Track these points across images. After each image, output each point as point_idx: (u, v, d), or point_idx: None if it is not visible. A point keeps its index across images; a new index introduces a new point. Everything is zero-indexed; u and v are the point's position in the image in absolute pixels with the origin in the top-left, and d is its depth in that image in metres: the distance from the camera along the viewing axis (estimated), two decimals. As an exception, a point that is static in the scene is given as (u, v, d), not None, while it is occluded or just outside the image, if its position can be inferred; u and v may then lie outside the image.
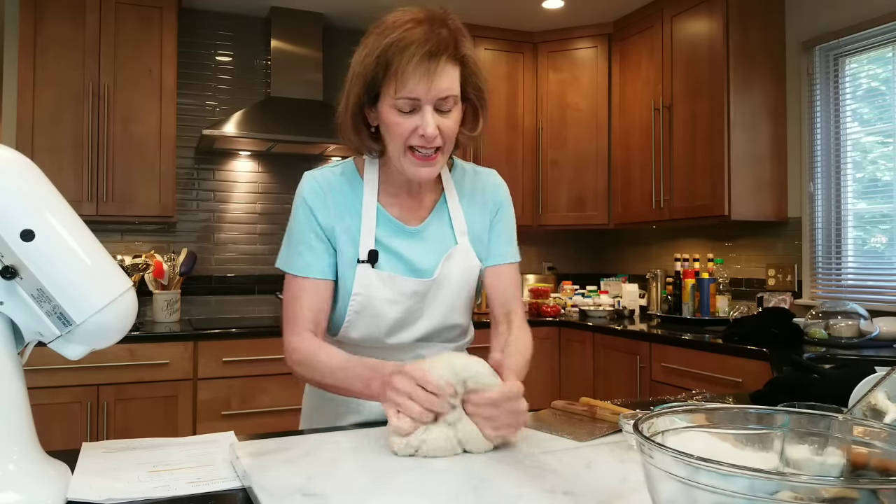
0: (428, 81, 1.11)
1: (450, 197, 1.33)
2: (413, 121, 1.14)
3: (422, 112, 1.13)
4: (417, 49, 1.09)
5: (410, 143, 1.16)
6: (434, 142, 1.15)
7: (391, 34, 1.11)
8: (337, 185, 1.28)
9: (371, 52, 1.14)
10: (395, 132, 1.16)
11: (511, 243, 1.37)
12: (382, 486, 0.85)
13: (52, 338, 0.83)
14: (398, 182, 1.28)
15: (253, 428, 3.05)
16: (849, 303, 2.69)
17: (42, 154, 3.06)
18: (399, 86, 1.11)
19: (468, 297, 1.33)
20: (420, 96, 1.12)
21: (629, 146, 3.77)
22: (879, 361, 2.20)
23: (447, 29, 1.13)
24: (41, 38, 3.10)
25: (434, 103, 1.13)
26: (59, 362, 2.75)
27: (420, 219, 1.30)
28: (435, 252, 1.28)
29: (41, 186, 0.83)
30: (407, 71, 1.10)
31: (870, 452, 0.72)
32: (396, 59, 1.10)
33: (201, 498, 0.85)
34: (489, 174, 1.40)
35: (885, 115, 2.88)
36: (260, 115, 3.42)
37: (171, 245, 3.62)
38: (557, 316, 3.77)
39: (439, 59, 1.11)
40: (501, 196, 1.38)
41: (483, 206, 1.35)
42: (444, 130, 1.16)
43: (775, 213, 3.21)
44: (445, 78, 1.13)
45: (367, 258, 1.24)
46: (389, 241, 1.27)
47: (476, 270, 1.31)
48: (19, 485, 0.80)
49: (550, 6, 3.70)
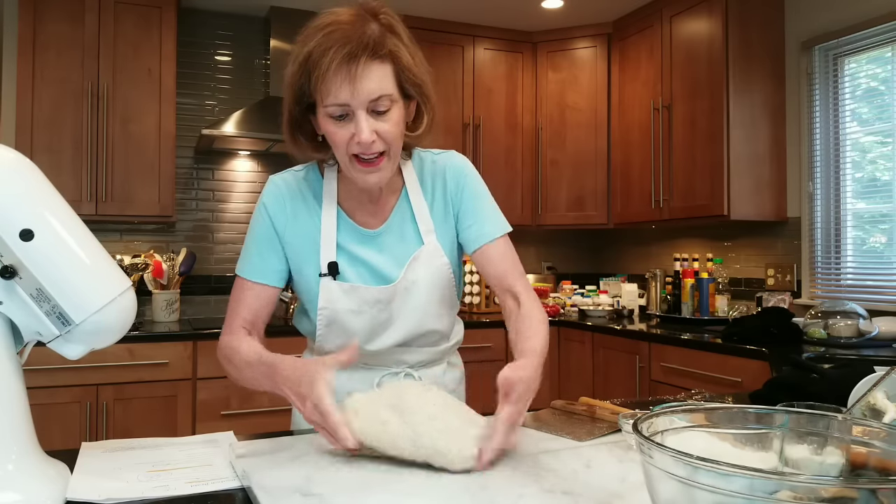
0: (350, 85, 1.05)
1: (412, 193, 1.26)
2: (349, 128, 1.08)
3: (355, 118, 1.07)
4: (336, 53, 1.04)
5: (351, 150, 1.10)
6: (372, 147, 1.09)
7: (311, 41, 1.07)
8: (299, 190, 1.23)
9: (294, 60, 1.10)
10: (334, 141, 1.11)
11: (488, 219, 1.27)
12: (381, 486, 0.85)
13: (52, 337, 0.83)
14: (352, 185, 1.21)
15: (252, 428, 3.05)
16: (848, 302, 2.69)
17: (41, 154, 3.06)
18: (324, 93, 1.06)
19: (442, 299, 1.27)
20: (348, 101, 1.06)
21: (629, 146, 3.77)
22: (878, 361, 2.20)
23: (377, 24, 1.08)
24: (40, 38, 3.09)
25: (366, 106, 1.07)
26: (59, 362, 2.74)
27: (381, 221, 1.25)
28: (399, 255, 1.23)
29: (40, 186, 0.83)
30: (328, 77, 1.05)
31: (869, 452, 0.72)
32: (317, 67, 1.05)
33: (200, 498, 0.85)
34: (448, 157, 1.30)
35: (885, 115, 2.88)
36: (259, 114, 3.41)
37: (170, 245, 3.62)
38: (557, 316, 3.77)
39: (359, 59, 1.04)
40: (460, 176, 1.28)
41: (444, 195, 1.27)
42: (382, 134, 1.09)
43: (774, 213, 3.21)
44: (371, 79, 1.06)
45: (327, 271, 1.20)
46: (352, 248, 1.22)
47: (447, 269, 1.25)
48: (19, 484, 0.80)
49: (550, 6, 3.69)
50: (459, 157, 1.31)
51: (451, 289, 1.29)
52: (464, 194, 1.27)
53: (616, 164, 3.89)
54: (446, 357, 1.38)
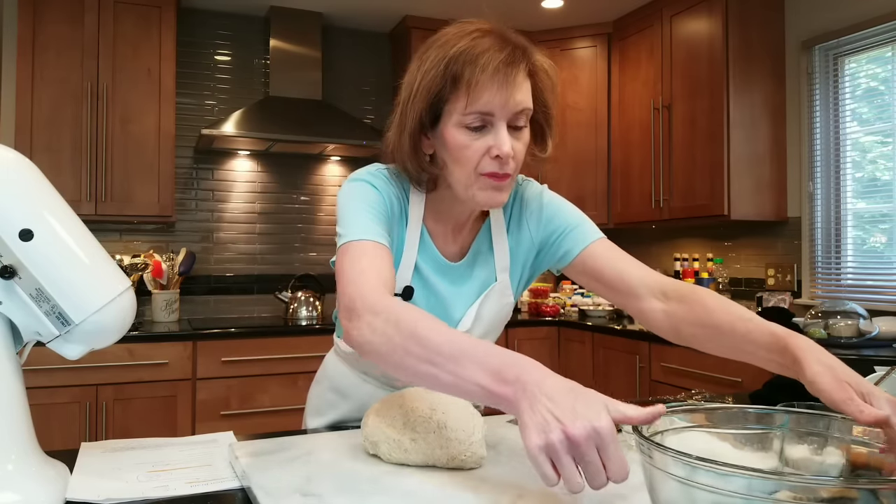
0: (505, 93, 0.96)
1: (495, 225, 1.17)
2: (485, 140, 0.99)
3: (494, 130, 0.98)
4: (492, 56, 0.96)
5: (483, 168, 1.00)
6: (508, 164, 0.99)
7: (458, 43, 0.99)
8: (395, 190, 1.11)
9: (434, 64, 0.99)
10: (464, 156, 0.99)
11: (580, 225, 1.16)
12: (381, 486, 0.85)
13: (51, 337, 0.83)
14: (444, 209, 1.13)
15: (252, 428, 3.05)
16: (848, 302, 2.69)
17: (41, 154, 3.06)
18: (472, 99, 0.97)
19: (497, 332, 1.22)
20: (494, 111, 0.97)
21: (629, 146, 3.78)
22: (879, 361, 2.20)
23: (518, 42, 1.02)
24: (40, 38, 3.09)
25: (508, 119, 0.99)
26: (58, 362, 2.75)
27: (462, 252, 1.17)
28: (471, 291, 1.17)
29: (40, 186, 0.83)
30: (481, 81, 0.96)
31: (869, 452, 0.73)
32: (468, 69, 0.96)
33: (200, 498, 0.85)
34: (527, 186, 1.22)
35: (885, 115, 2.88)
36: (259, 114, 3.42)
37: (169, 245, 3.61)
38: (557, 316, 3.77)
39: (517, 68, 0.98)
40: (539, 203, 1.19)
41: (523, 226, 1.20)
42: (515, 152, 1.00)
43: (775, 213, 3.21)
44: (522, 90, 0.99)
45: (400, 292, 1.11)
46: (428, 274, 1.14)
47: (509, 308, 1.19)
48: (18, 485, 0.80)
49: (550, 5, 3.69)
50: (536, 184, 1.24)
51: (503, 326, 1.24)
52: (543, 213, 1.19)
53: (616, 163, 3.89)
54: None
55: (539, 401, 0.68)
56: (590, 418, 0.66)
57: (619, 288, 1.11)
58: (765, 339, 0.93)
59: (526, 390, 0.70)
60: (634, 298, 1.10)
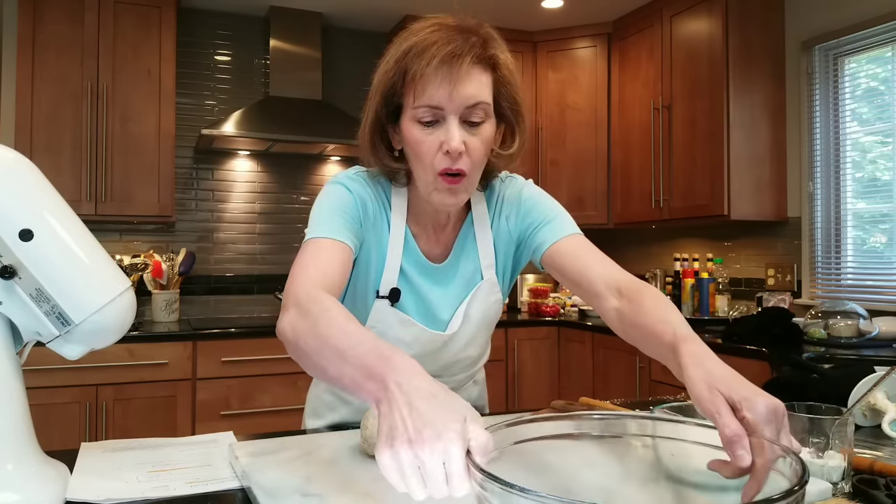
0: (449, 85, 0.96)
1: (478, 225, 1.18)
2: (438, 135, 0.99)
3: (446, 124, 0.98)
4: (438, 50, 0.96)
5: (438, 165, 1.00)
6: (459, 161, 0.99)
7: (412, 38, 1.00)
8: (375, 192, 1.12)
9: (390, 59, 1.02)
10: (420, 151, 1.00)
11: (554, 220, 1.15)
12: (381, 486, 0.85)
13: (51, 338, 0.83)
14: (426, 209, 1.13)
15: (252, 428, 3.05)
16: (848, 302, 2.69)
17: (41, 154, 3.06)
18: (418, 92, 0.98)
19: (488, 330, 1.24)
20: (442, 104, 0.97)
21: (629, 146, 3.77)
22: (879, 361, 2.20)
23: (477, 36, 1.01)
24: (40, 38, 3.09)
25: (460, 114, 0.98)
26: (58, 362, 2.74)
27: (445, 252, 1.17)
28: (457, 292, 1.17)
29: (40, 186, 0.83)
30: (426, 74, 0.96)
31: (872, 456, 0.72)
32: (415, 63, 0.97)
33: (200, 498, 0.85)
34: (510, 182, 1.22)
35: (885, 115, 2.88)
36: (259, 114, 3.41)
37: (169, 245, 3.61)
38: (557, 316, 3.77)
39: (462, 59, 0.96)
40: (518, 198, 1.19)
41: (506, 221, 1.20)
42: (470, 149, 0.99)
43: (775, 213, 3.21)
44: (471, 82, 0.98)
45: (387, 294, 1.12)
46: (413, 276, 1.14)
47: (498, 305, 1.21)
48: (18, 485, 0.80)
49: (550, 5, 3.69)
50: (521, 179, 1.23)
51: (495, 323, 1.24)
52: (522, 207, 1.18)
53: (616, 163, 3.89)
54: (475, 375, 1.36)
55: (395, 403, 0.65)
56: (439, 429, 0.62)
57: (582, 285, 1.09)
58: (668, 341, 0.87)
59: (388, 390, 0.67)
60: (595, 296, 1.06)
